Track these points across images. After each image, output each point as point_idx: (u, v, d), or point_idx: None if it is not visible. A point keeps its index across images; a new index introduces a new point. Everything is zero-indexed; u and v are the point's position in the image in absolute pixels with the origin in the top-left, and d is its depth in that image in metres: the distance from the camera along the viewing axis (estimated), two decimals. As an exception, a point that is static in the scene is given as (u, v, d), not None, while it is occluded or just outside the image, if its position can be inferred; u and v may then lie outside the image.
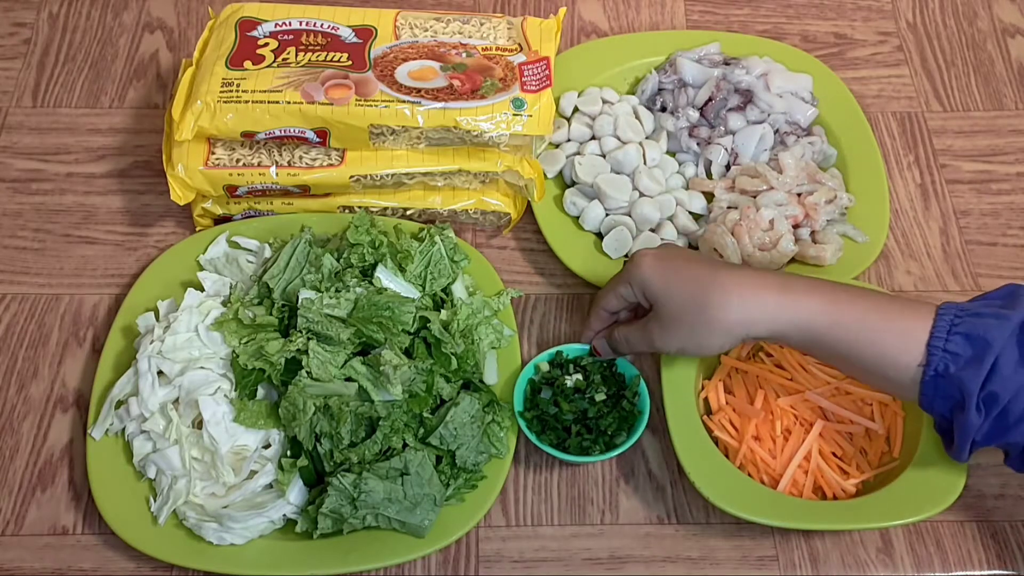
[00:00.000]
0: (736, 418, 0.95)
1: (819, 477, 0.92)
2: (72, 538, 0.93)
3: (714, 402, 0.97)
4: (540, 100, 1.02)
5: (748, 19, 1.30)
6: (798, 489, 0.92)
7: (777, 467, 0.93)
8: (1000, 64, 1.27)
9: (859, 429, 0.95)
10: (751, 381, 0.97)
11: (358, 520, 0.88)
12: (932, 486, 0.88)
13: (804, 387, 0.95)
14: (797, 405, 0.95)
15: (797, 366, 0.96)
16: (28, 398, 1.00)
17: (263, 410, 0.93)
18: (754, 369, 0.97)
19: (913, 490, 0.88)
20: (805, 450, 0.92)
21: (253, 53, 1.04)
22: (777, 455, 0.93)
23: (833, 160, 1.14)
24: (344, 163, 1.03)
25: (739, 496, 0.88)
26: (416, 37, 1.07)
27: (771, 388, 0.96)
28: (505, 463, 0.92)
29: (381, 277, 0.96)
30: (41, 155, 1.16)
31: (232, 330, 0.95)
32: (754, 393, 0.96)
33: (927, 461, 0.90)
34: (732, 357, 0.98)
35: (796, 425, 0.94)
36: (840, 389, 0.95)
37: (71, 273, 1.07)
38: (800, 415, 0.95)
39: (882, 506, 0.88)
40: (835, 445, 0.94)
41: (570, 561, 0.92)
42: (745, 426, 0.94)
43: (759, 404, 0.95)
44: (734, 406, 0.96)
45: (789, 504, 0.89)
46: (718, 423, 0.95)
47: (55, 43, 1.25)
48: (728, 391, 0.97)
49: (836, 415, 0.95)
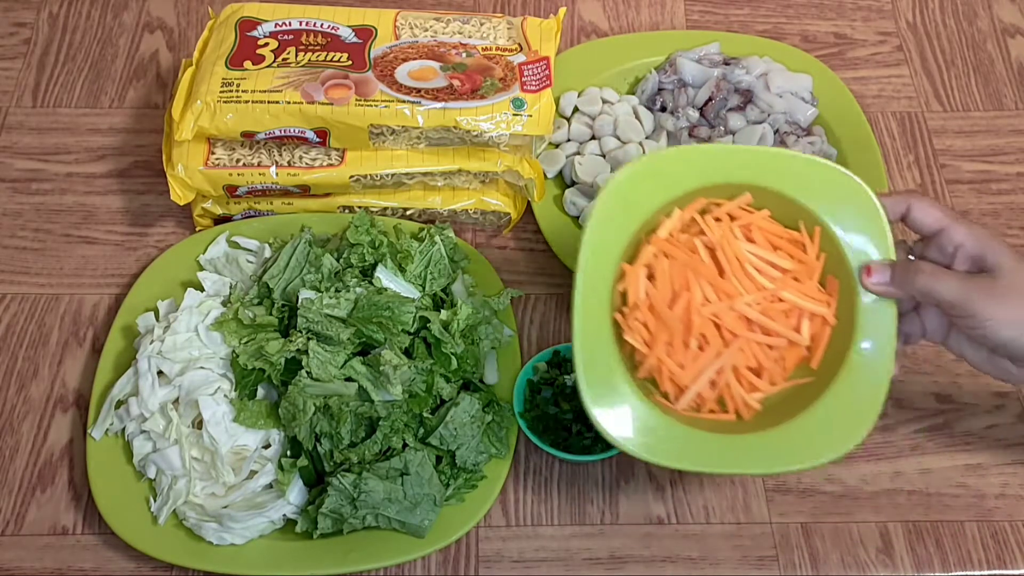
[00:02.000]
0: (651, 321, 0.84)
1: (725, 391, 0.85)
2: (72, 538, 0.93)
3: (632, 295, 0.85)
4: (540, 100, 1.02)
5: (748, 19, 1.30)
6: (700, 401, 0.84)
7: (685, 379, 0.83)
8: (1000, 64, 1.27)
9: (782, 342, 0.85)
10: (679, 271, 0.85)
11: (358, 520, 0.88)
12: (834, 429, 0.82)
13: (735, 292, 0.84)
14: (722, 313, 0.84)
15: (733, 259, 0.85)
16: (28, 398, 1.00)
17: (263, 410, 0.93)
18: (683, 257, 0.85)
19: (816, 430, 0.81)
20: (718, 366, 0.83)
21: (253, 53, 1.04)
22: (687, 365, 0.84)
23: (833, 160, 1.13)
24: (344, 163, 1.03)
25: (625, 419, 0.80)
26: (416, 37, 1.07)
27: (697, 289, 0.84)
28: (505, 463, 0.92)
29: (381, 277, 0.96)
30: (41, 155, 1.16)
31: (232, 330, 0.95)
32: (679, 290, 0.84)
33: (840, 396, 0.82)
34: (664, 231, 0.86)
35: (716, 335, 0.84)
36: (774, 296, 0.85)
37: (71, 273, 1.07)
38: (722, 325, 0.84)
39: (776, 445, 0.81)
40: (751, 358, 0.85)
41: (570, 561, 0.92)
42: (659, 332, 0.84)
43: (679, 311, 0.83)
44: (653, 302, 0.84)
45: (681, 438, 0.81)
46: (630, 324, 0.84)
47: (55, 43, 1.25)
48: (651, 277, 0.85)
49: (763, 327, 0.85)
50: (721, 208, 0.86)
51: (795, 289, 0.85)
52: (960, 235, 0.81)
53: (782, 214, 0.87)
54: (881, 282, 0.82)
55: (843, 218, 0.84)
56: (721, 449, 0.81)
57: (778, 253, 0.86)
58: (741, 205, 0.86)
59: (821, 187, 0.85)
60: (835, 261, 0.85)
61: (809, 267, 0.85)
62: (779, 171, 0.85)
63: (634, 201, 0.84)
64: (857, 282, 0.83)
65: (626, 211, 0.84)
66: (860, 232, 0.84)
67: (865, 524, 0.95)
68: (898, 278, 0.81)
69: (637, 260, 0.85)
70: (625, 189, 0.84)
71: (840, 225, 0.84)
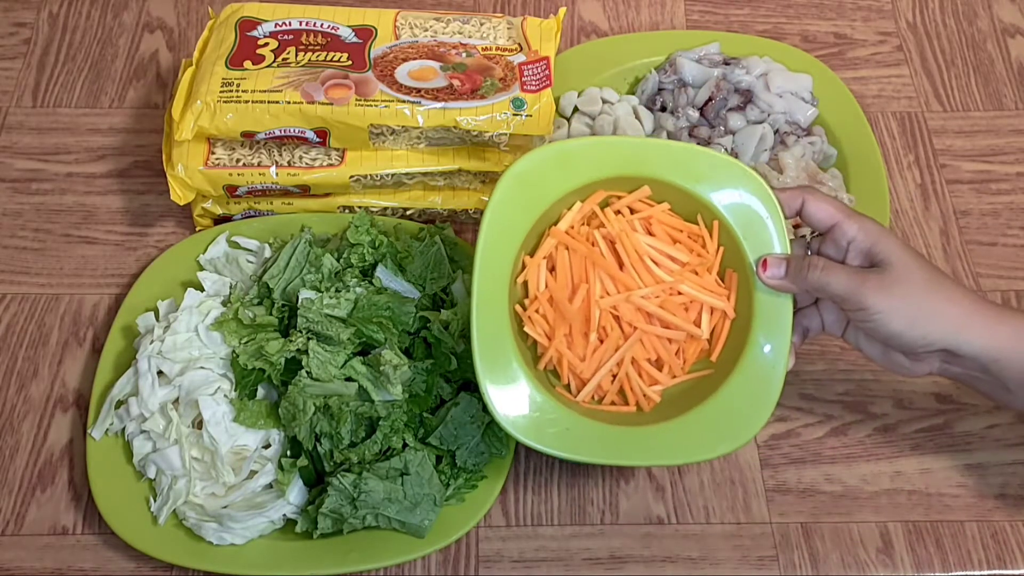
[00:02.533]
0: (551, 313, 0.85)
1: (625, 382, 0.85)
2: (72, 538, 0.93)
3: (532, 286, 0.86)
4: (540, 100, 1.02)
5: (748, 19, 1.30)
6: (600, 393, 0.86)
7: (585, 371, 0.84)
8: (1000, 64, 1.27)
9: (682, 335, 0.86)
10: (578, 263, 0.86)
11: (358, 520, 0.88)
12: (730, 423, 0.82)
13: (634, 284, 0.85)
14: (621, 306, 0.84)
15: (632, 252, 0.85)
16: (28, 398, 1.00)
17: (263, 410, 0.93)
18: (583, 249, 0.85)
19: (713, 423, 0.82)
20: (618, 358, 0.84)
21: (253, 53, 1.04)
22: (587, 357, 0.85)
23: (833, 160, 1.14)
24: (344, 163, 1.03)
25: (527, 417, 0.81)
26: (416, 37, 1.07)
27: (596, 280, 0.85)
28: (505, 463, 0.92)
29: (381, 277, 0.96)
30: (41, 155, 1.16)
31: (232, 330, 0.95)
32: (578, 281, 0.85)
33: (738, 389, 0.83)
34: (564, 224, 0.87)
35: (614, 328, 0.85)
36: (673, 289, 0.86)
37: (71, 273, 1.07)
38: (621, 317, 0.85)
39: (677, 436, 0.82)
40: (651, 351, 0.86)
41: (570, 561, 0.92)
42: (559, 324, 0.85)
43: (578, 303, 0.84)
44: (553, 294, 0.85)
45: (584, 431, 0.82)
46: (531, 316, 0.85)
47: (55, 43, 1.25)
48: (552, 269, 0.86)
49: (662, 320, 0.86)
50: (621, 201, 0.87)
51: (694, 282, 0.86)
52: (852, 230, 0.82)
53: (681, 208, 0.88)
54: (776, 276, 0.84)
55: (741, 213, 0.86)
56: (619, 440, 0.82)
57: (677, 247, 0.87)
58: (640, 198, 0.87)
59: (720, 181, 0.86)
60: (733, 255, 0.87)
61: (708, 261, 0.87)
62: (678, 164, 0.86)
63: (535, 189, 0.85)
64: (754, 276, 0.85)
65: (526, 199, 0.84)
66: (757, 226, 0.85)
67: (865, 524, 0.95)
68: (792, 272, 0.83)
69: (538, 252, 0.86)
70: (526, 177, 0.84)
71: (738, 220, 0.86)
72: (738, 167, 0.86)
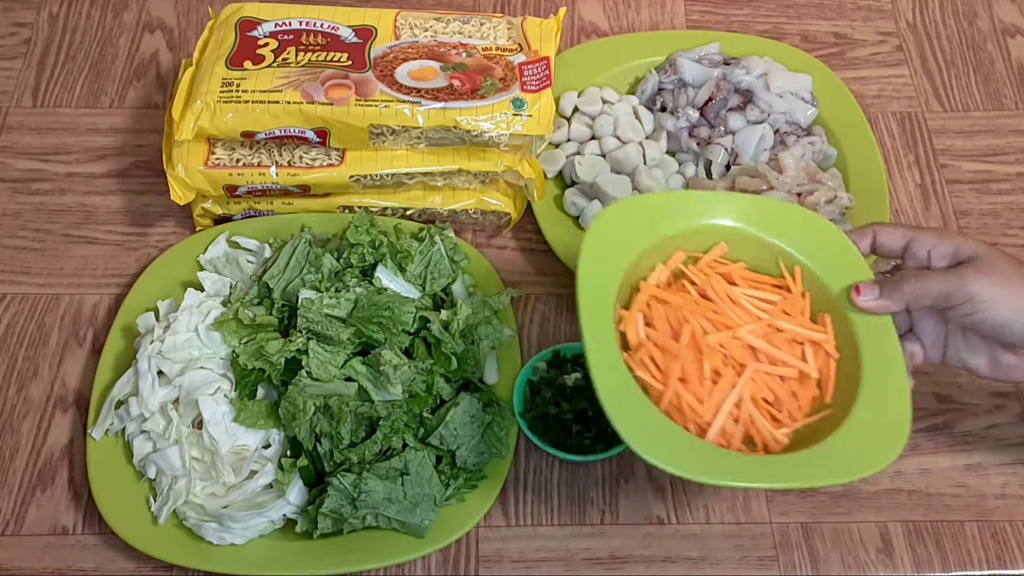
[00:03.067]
0: (659, 355, 0.83)
1: (750, 426, 0.83)
2: (72, 538, 0.93)
3: (633, 336, 0.84)
4: (540, 100, 1.02)
5: (748, 19, 1.30)
6: (727, 439, 0.82)
7: (706, 414, 0.82)
8: (1000, 64, 1.27)
9: (792, 372, 0.85)
10: (674, 314, 0.85)
11: (358, 520, 0.88)
12: (871, 443, 0.81)
13: (734, 323, 0.85)
14: (727, 343, 0.84)
15: (725, 297, 0.86)
16: (28, 398, 1.00)
17: (263, 410, 0.93)
18: (677, 300, 0.86)
19: (852, 446, 0.81)
20: (737, 395, 0.82)
21: (253, 53, 1.04)
22: (705, 400, 0.82)
23: (833, 160, 1.13)
24: (344, 163, 1.03)
25: (673, 450, 0.78)
26: (416, 37, 1.07)
27: (697, 322, 0.85)
28: (505, 463, 0.92)
29: (381, 277, 0.96)
30: (41, 155, 1.16)
31: (232, 330, 0.95)
32: (678, 329, 0.84)
33: (867, 414, 0.82)
34: (652, 283, 0.87)
35: (726, 366, 0.83)
36: (772, 326, 0.85)
37: (71, 273, 1.07)
38: (730, 355, 0.84)
39: (821, 462, 0.80)
40: (766, 390, 0.84)
41: (570, 561, 0.92)
42: (670, 366, 0.82)
43: (685, 341, 0.83)
44: (656, 341, 0.84)
45: (727, 459, 0.79)
46: (639, 361, 0.83)
47: (55, 43, 1.25)
48: (648, 324, 0.85)
49: (769, 356, 0.85)
50: (701, 261, 0.89)
51: (790, 320, 0.86)
52: (928, 239, 0.83)
53: (756, 257, 0.89)
54: (871, 297, 0.84)
55: (817, 254, 0.87)
56: (756, 466, 0.80)
57: (765, 290, 0.88)
58: (716, 257, 0.89)
59: (790, 227, 0.88)
60: (820, 299, 0.87)
61: (796, 303, 0.87)
62: (750, 215, 0.89)
63: (615, 248, 0.86)
64: (850, 312, 0.85)
65: (609, 258, 0.85)
66: (836, 265, 0.87)
67: (865, 524, 0.95)
68: (887, 290, 0.83)
69: (633, 305, 0.86)
70: (604, 237, 0.85)
71: (816, 261, 0.87)
72: (804, 212, 0.90)
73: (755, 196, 0.90)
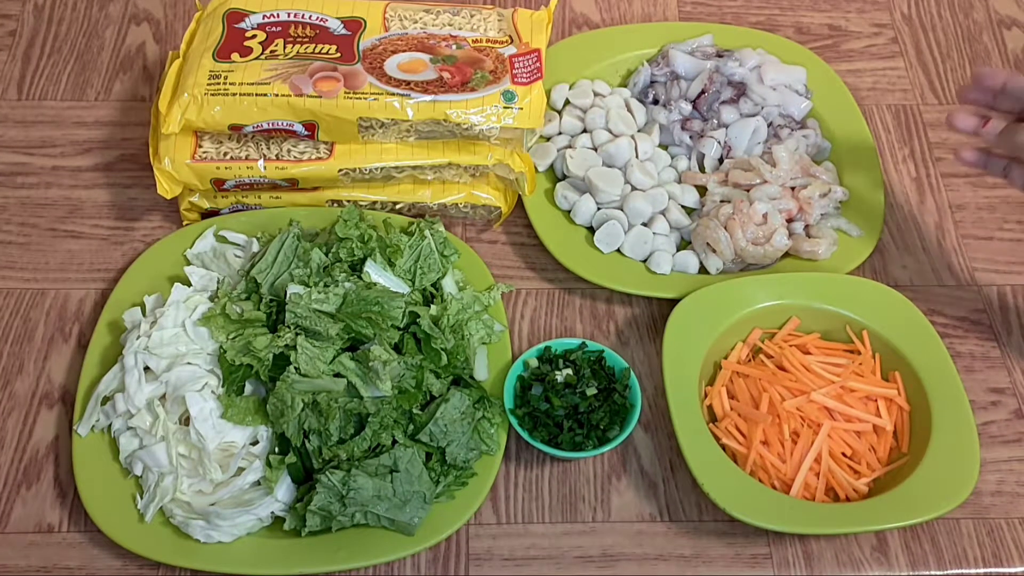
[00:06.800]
0: (743, 424, 0.94)
1: (831, 479, 0.92)
2: (58, 536, 0.92)
3: (718, 408, 0.95)
4: (531, 93, 1.02)
5: (741, 11, 1.29)
6: (810, 492, 0.91)
7: (788, 471, 0.91)
8: (996, 56, 1.26)
9: (867, 427, 0.94)
10: (754, 385, 0.96)
11: (347, 518, 0.87)
12: (945, 482, 0.89)
13: (808, 388, 0.94)
14: (803, 407, 0.93)
15: (799, 366, 0.95)
16: (13, 394, 0.99)
17: (251, 406, 0.92)
18: (756, 372, 0.96)
19: (927, 487, 0.88)
20: (815, 452, 0.91)
21: (241, 45, 1.03)
22: (787, 459, 0.92)
23: (827, 153, 1.13)
24: (333, 156, 1.02)
25: (756, 505, 0.88)
26: (405, 29, 1.06)
27: (775, 391, 0.94)
28: (496, 460, 0.92)
29: (370, 272, 0.96)
30: (26, 148, 1.15)
31: (219, 325, 0.94)
32: (758, 397, 0.94)
33: (939, 457, 0.90)
34: (732, 361, 0.98)
35: (804, 427, 0.93)
36: (845, 388, 0.94)
37: (57, 268, 1.06)
38: (807, 417, 0.93)
39: (898, 505, 0.88)
40: (844, 445, 0.93)
41: (561, 559, 0.92)
42: (752, 431, 0.93)
43: (765, 408, 0.93)
44: (739, 411, 0.94)
45: (806, 509, 0.89)
46: (725, 430, 0.93)
47: (40, 35, 1.24)
48: (731, 396, 0.96)
49: (843, 414, 0.94)
50: (777, 336, 0.99)
51: (861, 380, 0.95)
52: None
53: (828, 327, 1.00)
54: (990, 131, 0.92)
55: (884, 319, 0.98)
56: (827, 513, 0.90)
57: (836, 355, 0.98)
58: (790, 331, 0.99)
59: (858, 298, 0.99)
60: (890, 359, 0.97)
61: (867, 364, 0.97)
62: (821, 291, 1.00)
63: (696, 332, 0.96)
64: (918, 367, 0.95)
65: (690, 342, 0.96)
66: (902, 327, 0.98)
67: (859, 521, 0.94)
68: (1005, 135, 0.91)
69: (717, 381, 0.97)
70: (685, 322, 0.97)
71: (883, 325, 0.98)
72: (876, 285, 1.01)
73: (825, 274, 1.01)
